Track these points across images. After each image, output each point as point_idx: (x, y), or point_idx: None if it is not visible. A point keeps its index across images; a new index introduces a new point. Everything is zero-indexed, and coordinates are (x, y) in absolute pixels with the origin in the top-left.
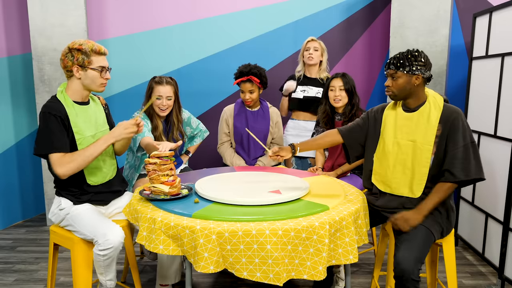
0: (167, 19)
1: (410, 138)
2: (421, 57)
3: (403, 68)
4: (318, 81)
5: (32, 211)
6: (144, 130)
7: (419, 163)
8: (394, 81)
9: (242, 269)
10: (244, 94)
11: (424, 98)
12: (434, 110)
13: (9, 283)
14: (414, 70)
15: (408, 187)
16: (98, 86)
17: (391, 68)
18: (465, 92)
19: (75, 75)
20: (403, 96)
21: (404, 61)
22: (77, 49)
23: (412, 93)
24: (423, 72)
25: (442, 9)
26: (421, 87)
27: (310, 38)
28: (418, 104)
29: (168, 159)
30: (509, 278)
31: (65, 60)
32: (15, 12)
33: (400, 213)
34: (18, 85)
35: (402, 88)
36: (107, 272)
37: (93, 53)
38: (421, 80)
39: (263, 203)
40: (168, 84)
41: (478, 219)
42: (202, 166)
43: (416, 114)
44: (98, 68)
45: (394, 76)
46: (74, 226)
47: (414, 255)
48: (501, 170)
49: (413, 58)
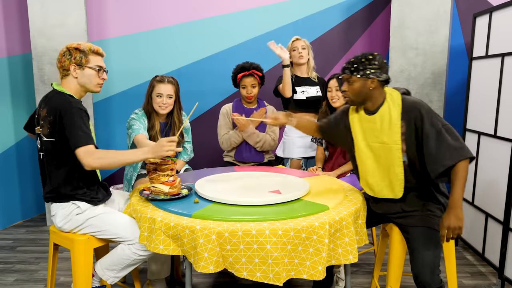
0: (167, 19)
1: (379, 140)
2: (375, 60)
3: (357, 72)
4: (311, 80)
5: (32, 211)
6: (139, 127)
7: (392, 164)
8: (350, 86)
9: (242, 269)
10: (246, 89)
11: (382, 99)
12: (393, 108)
13: (9, 283)
14: (368, 74)
15: (389, 188)
16: (95, 85)
17: (345, 72)
18: (465, 92)
19: (72, 74)
20: (360, 101)
21: (358, 65)
22: (75, 48)
23: (368, 97)
24: (378, 75)
25: (442, 9)
26: (377, 90)
27: (295, 38)
28: (377, 106)
29: (169, 159)
30: (509, 278)
31: (62, 59)
32: (15, 12)
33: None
34: (18, 85)
35: (358, 93)
36: (123, 271)
37: (91, 52)
38: (376, 84)
39: (263, 203)
40: (169, 83)
41: (478, 219)
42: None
43: (377, 116)
44: (95, 67)
45: (350, 81)
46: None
47: (428, 265)
48: (501, 170)
49: (367, 61)
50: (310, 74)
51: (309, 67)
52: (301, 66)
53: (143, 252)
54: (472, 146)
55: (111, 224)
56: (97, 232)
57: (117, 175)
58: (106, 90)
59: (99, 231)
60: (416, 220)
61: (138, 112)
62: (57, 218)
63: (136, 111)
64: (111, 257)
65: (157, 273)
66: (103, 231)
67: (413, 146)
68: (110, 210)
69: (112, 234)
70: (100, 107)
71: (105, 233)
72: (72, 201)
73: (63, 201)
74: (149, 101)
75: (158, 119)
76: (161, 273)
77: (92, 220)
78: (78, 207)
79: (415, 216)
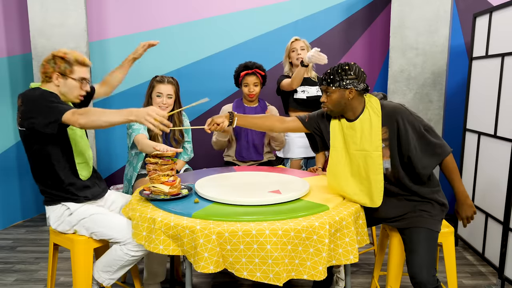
0: (167, 19)
1: (359, 148)
2: (351, 71)
3: (333, 83)
4: (312, 80)
5: (32, 211)
6: (139, 127)
7: (373, 171)
8: (328, 97)
9: (242, 269)
10: (248, 87)
11: (361, 107)
12: (374, 115)
13: (9, 283)
14: (345, 85)
15: (368, 197)
16: (75, 96)
17: (323, 84)
18: (465, 92)
19: (53, 82)
20: (340, 111)
21: (334, 76)
22: (61, 57)
23: (347, 106)
24: (356, 85)
25: (442, 9)
26: (356, 100)
27: (294, 38)
28: (357, 114)
29: (170, 159)
30: (509, 278)
31: (46, 65)
32: (15, 12)
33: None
34: (18, 85)
35: (336, 103)
36: (118, 272)
37: (76, 63)
38: (354, 94)
39: (263, 203)
40: (169, 83)
41: (478, 219)
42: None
43: (357, 123)
44: (78, 79)
45: (328, 91)
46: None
47: (424, 265)
48: (501, 170)
49: (343, 72)
50: (310, 74)
51: (309, 67)
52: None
53: (135, 252)
54: (472, 146)
55: (103, 225)
56: (91, 233)
57: (117, 175)
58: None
59: (92, 232)
60: (410, 222)
61: None
62: (51, 220)
63: None
64: (105, 259)
65: (153, 276)
66: (95, 232)
67: (396, 151)
68: (103, 211)
69: (104, 235)
70: (100, 107)
71: (97, 234)
72: (62, 203)
73: (53, 204)
74: (149, 101)
75: None
76: (156, 276)
77: (84, 221)
78: (68, 208)
79: (408, 218)
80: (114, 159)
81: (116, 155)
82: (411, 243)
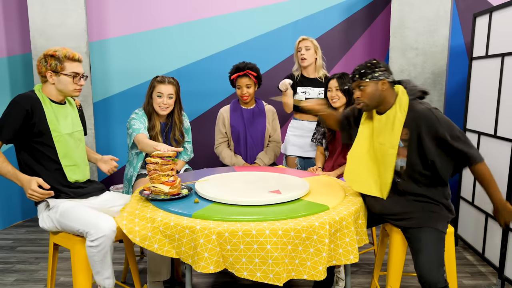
0: (167, 19)
1: (380, 141)
2: (380, 63)
3: (366, 76)
4: (317, 80)
5: (32, 211)
6: (140, 127)
7: (384, 166)
8: (362, 91)
9: (242, 269)
10: (241, 89)
11: (393, 101)
12: (399, 114)
13: (9, 283)
14: (378, 76)
15: (379, 188)
16: (72, 91)
17: (355, 80)
18: (465, 92)
19: (48, 80)
20: (375, 104)
21: (365, 70)
22: (51, 55)
23: (382, 99)
24: (387, 76)
25: (442, 9)
26: (389, 92)
27: (301, 38)
28: (387, 108)
29: (170, 159)
30: (509, 278)
31: (39, 65)
32: (15, 12)
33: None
34: (18, 85)
35: (371, 96)
36: (103, 269)
37: (66, 59)
38: (387, 85)
39: (263, 203)
40: (170, 84)
41: (478, 219)
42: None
43: (384, 117)
44: (70, 74)
45: (361, 86)
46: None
47: (434, 263)
48: (501, 170)
49: (373, 65)
50: (317, 74)
51: (317, 67)
52: (306, 67)
53: (91, 242)
54: None
55: (70, 217)
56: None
57: (117, 175)
58: (106, 90)
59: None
60: (418, 221)
61: (138, 112)
62: (39, 219)
63: (136, 111)
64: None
65: (156, 275)
66: (62, 224)
67: (414, 154)
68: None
69: (68, 227)
70: (100, 107)
71: (64, 227)
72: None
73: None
74: (150, 101)
75: (158, 119)
76: (159, 275)
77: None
78: (48, 205)
79: (415, 218)
80: None
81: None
82: (419, 242)
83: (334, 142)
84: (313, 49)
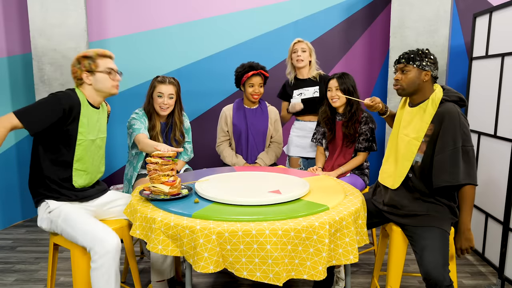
0: (167, 19)
1: (406, 132)
2: (431, 55)
3: (414, 62)
4: (311, 80)
5: (32, 211)
6: (140, 127)
7: (404, 156)
8: (404, 75)
9: (242, 269)
10: (254, 88)
11: (428, 96)
12: (431, 108)
13: (9, 283)
14: (424, 66)
15: (392, 178)
16: (110, 88)
17: (401, 62)
18: (465, 92)
19: (85, 81)
20: (411, 91)
21: (415, 56)
22: (83, 56)
23: (419, 89)
24: (433, 69)
25: (442, 9)
26: (428, 84)
27: (297, 40)
28: (422, 100)
29: (170, 159)
30: (509, 278)
31: (73, 69)
32: (15, 12)
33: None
34: (18, 85)
35: (411, 83)
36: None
37: (98, 56)
38: (429, 77)
39: (263, 203)
40: (171, 84)
41: (478, 219)
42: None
43: (416, 109)
44: (105, 70)
45: (405, 70)
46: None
47: (440, 262)
48: (501, 170)
49: (423, 54)
50: (311, 74)
51: (311, 68)
52: (301, 69)
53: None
54: None
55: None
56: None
57: (117, 175)
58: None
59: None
60: (424, 220)
61: (138, 112)
62: (38, 219)
63: (136, 111)
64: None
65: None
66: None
67: (431, 151)
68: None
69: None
70: None
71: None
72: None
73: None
74: (150, 101)
75: (158, 120)
76: (162, 274)
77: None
78: (49, 206)
79: (421, 217)
80: (114, 159)
81: (116, 155)
82: (424, 241)
83: (334, 142)
84: (308, 52)
